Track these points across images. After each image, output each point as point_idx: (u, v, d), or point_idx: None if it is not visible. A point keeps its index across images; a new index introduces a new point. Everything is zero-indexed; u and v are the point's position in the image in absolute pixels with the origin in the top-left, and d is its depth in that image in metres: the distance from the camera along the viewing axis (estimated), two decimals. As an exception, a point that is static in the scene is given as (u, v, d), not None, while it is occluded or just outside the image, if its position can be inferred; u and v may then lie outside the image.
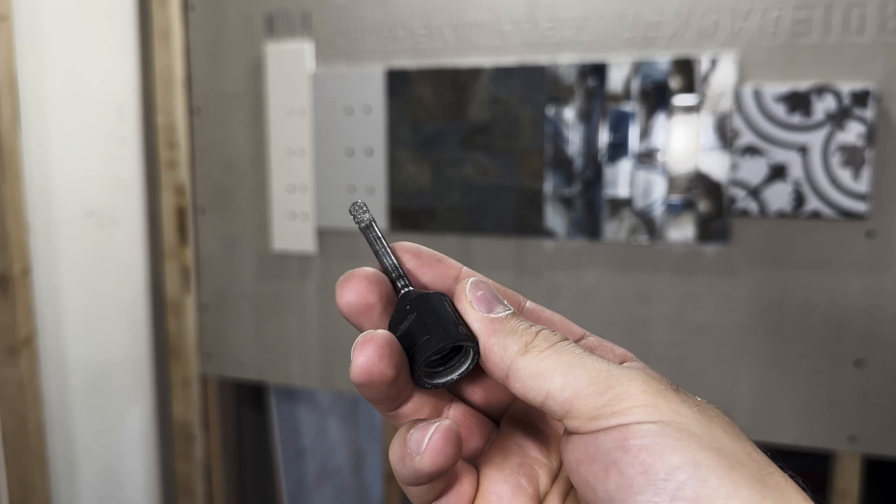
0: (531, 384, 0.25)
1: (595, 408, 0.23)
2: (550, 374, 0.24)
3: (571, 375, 0.24)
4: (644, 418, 0.22)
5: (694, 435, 0.22)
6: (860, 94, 0.76)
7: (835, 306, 0.80)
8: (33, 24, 0.84)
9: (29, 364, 0.82)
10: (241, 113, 0.99)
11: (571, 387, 0.24)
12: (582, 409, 0.23)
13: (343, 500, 1.24)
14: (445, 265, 0.30)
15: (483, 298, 0.27)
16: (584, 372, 0.24)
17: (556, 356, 0.25)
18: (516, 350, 0.25)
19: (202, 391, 1.07)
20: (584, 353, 0.25)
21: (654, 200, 0.83)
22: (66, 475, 0.93)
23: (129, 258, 1.02)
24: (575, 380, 0.24)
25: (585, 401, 0.23)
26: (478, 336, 0.27)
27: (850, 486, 0.83)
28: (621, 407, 0.23)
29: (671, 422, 0.22)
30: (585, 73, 0.84)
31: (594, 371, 0.24)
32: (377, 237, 0.29)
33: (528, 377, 0.25)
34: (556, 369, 0.24)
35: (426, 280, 0.30)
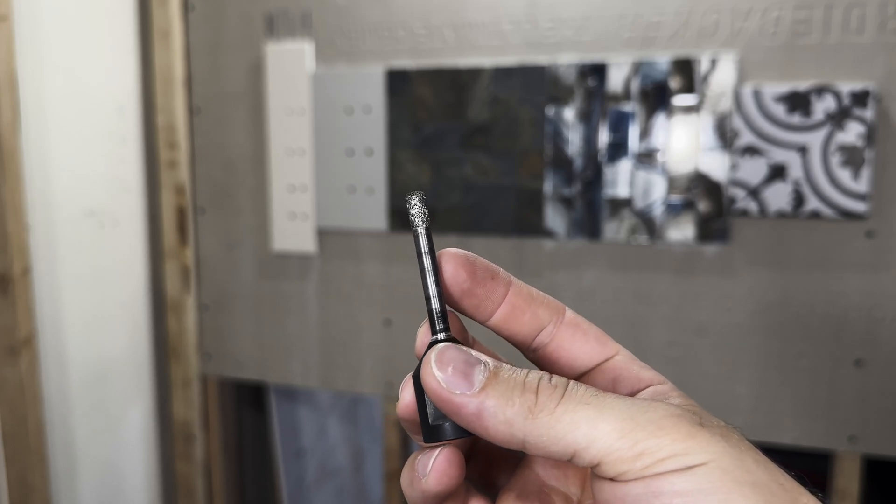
0: (554, 450, 0.23)
1: (626, 462, 0.22)
2: (572, 436, 0.23)
3: (596, 431, 0.23)
4: (677, 466, 0.22)
5: (727, 472, 0.22)
6: (860, 95, 0.76)
7: (834, 306, 0.80)
8: (33, 24, 0.84)
9: (29, 364, 0.82)
10: (242, 113, 0.99)
11: (598, 444, 0.23)
12: (613, 465, 0.23)
13: (343, 499, 1.24)
14: (497, 282, 0.28)
15: (456, 373, 0.24)
16: (608, 426, 0.23)
17: (572, 412, 0.23)
18: (523, 419, 0.23)
19: (202, 391, 1.07)
20: (600, 399, 0.24)
21: (654, 200, 0.83)
22: (67, 475, 0.93)
23: (129, 258, 1.02)
24: (601, 435, 0.23)
25: (615, 457, 0.22)
26: (474, 420, 0.24)
27: (850, 486, 0.83)
28: (653, 459, 0.22)
29: (704, 463, 0.22)
30: (585, 73, 0.84)
31: (619, 422, 0.23)
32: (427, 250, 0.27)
33: (548, 443, 0.23)
34: (577, 427, 0.23)
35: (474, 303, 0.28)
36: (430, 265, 0.27)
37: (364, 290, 0.97)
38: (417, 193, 0.28)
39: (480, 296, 0.28)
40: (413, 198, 0.28)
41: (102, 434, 0.99)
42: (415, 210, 0.27)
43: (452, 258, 0.27)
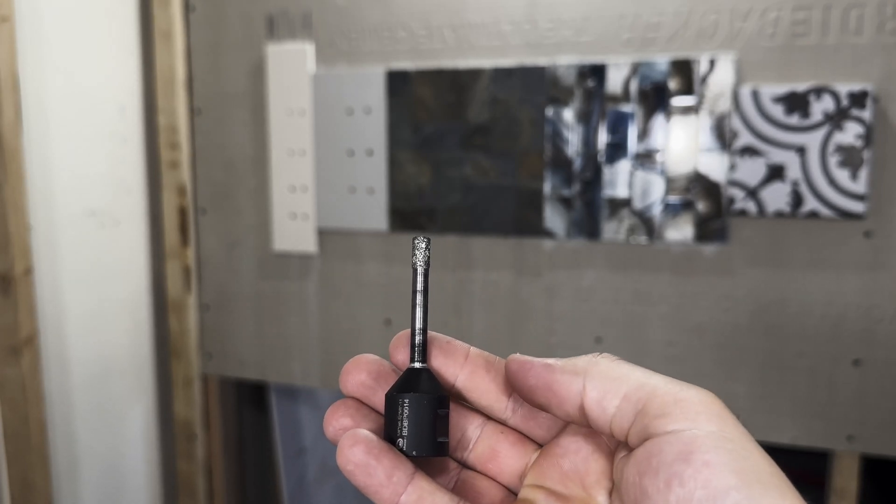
0: (609, 388, 0.26)
1: (668, 405, 0.24)
2: (627, 376, 0.26)
3: (647, 377, 0.26)
4: (709, 428, 0.24)
5: (752, 455, 0.23)
6: (858, 95, 0.76)
7: (833, 306, 0.81)
8: (35, 25, 0.85)
9: (31, 363, 0.83)
10: (242, 113, 0.99)
11: (648, 386, 0.25)
12: (655, 407, 0.25)
13: (343, 498, 1.25)
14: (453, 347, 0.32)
15: None
16: (657, 378, 0.26)
17: (628, 366, 0.27)
18: (584, 365, 0.27)
19: (203, 390, 1.07)
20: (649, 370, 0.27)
21: (653, 201, 0.83)
22: (68, 474, 0.94)
23: (130, 258, 1.03)
24: (651, 380, 0.26)
25: (660, 399, 0.25)
26: (544, 371, 0.28)
27: (849, 486, 0.83)
28: (691, 410, 0.24)
29: (732, 437, 0.23)
30: (585, 73, 0.84)
31: (666, 380, 0.26)
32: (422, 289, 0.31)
33: (607, 381, 0.26)
34: (632, 371, 0.26)
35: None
36: (422, 303, 0.31)
37: (364, 290, 0.97)
38: (426, 238, 0.31)
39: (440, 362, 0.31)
40: (421, 242, 0.31)
41: (104, 433, 1.00)
42: (421, 253, 0.31)
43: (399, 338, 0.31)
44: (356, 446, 0.27)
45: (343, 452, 0.27)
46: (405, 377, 0.29)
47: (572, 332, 0.89)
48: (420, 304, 0.30)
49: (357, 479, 0.27)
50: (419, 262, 0.31)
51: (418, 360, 0.30)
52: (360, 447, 0.27)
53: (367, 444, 0.27)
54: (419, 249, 0.31)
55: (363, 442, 0.27)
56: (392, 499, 0.27)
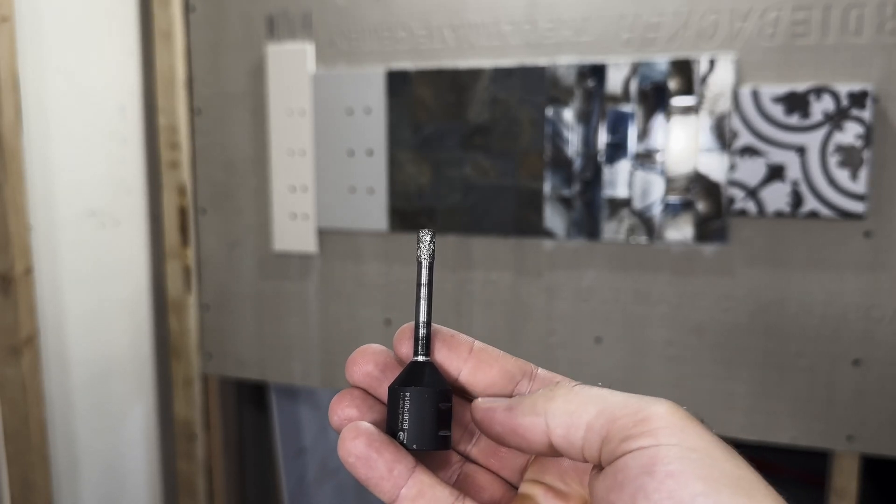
0: (570, 422, 0.26)
1: (628, 428, 0.24)
2: (584, 407, 0.26)
3: (604, 403, 0.25)
4: (672, 441, 0.23)
5: (717, 461, 0.23)
6: (858, 95, 0.76)
7: (832, 306, 0.81)
8: (35, 25, 0.85)
9: (31, 363, 0.83)
10: (243, 114, 0.99)
11: (606, 413, 0.25)
12: (617, 432, 0.24)
13: (343, 498, 1.25)
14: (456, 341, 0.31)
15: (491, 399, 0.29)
16: (615, 399, 0.25)
17: (585, 392, 0.26)
18: (543, 401, 0.27)
19: (203, 390, 1.08)
20: (608, 389, 0.26)
21: (653, 201, 0.84)
22: (68, 474, 0.94)
23: (130, 258, 1.03)
24: (608, 406, 0.25)
25: (620, 423, 0.25)
26: (506, 418, 0.28)
27: (848, 486, 0.83)
28: (652, 427, 0.24)
29: (696, 447, 0.23)
30: (585, 73, 0.84)
31: (625, 398, 0.25)
32: (426, 282, 0.31)
33: (566, 416, 0.26)
34: (589, 401, 0.26)
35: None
36: (426, 296, 0.30)
37: (364, 290, 0.97)
38: (431, 231, 0.31)
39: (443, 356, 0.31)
40: (426, 235, 0.31)
41: (104, 433, 1.00)
42: (426, 247, 0.31)
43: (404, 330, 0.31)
44: (358, 439, 0.27)
45: (345, 445, 0.27)
46: (408, 370, 0.29)
47: (572, 332, 0.89)
48: (424, 297, 0.30)
49: (358, 471, 0.27)
50: (424, 256, 0.30)
51: (422, 354, 0.30)
52: (362, 440, 0.27)
53: (369, 436, 0.27)
54: (423, 242, 0.31)
55: (364, 434, 0.27)
56: (392, 492, 0.27)
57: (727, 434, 0.86)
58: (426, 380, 0.29)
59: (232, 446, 1.15)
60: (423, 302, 0.30)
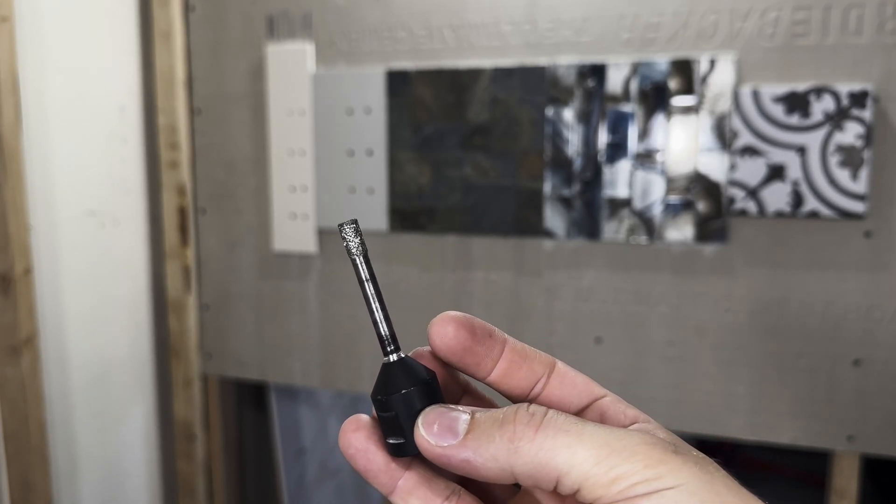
0: (540, 477, 0.25)
1: (602, 486, 0.24)
2: (554, 462, 0.24)
3: (575, 457, 0.24)
4: (646, 490, 0.23)
5: (695, 495, 0.23)
6: (858, 95, 0.76)
7: (833, 306, 0.81)
8: (35, 25, 0.85)
9: (31, 363, 0.83)
10: (242, 114, 0.99)
11: (577, 469, 0.24)
12: (591, 490, 0.24)
13: (343, 498, 1.25)
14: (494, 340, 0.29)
15: (441, 429, 0.26)
16: (585, 452, 0.24)
17: (552, 438, 0.25)
18: (506, 453, 0.25)
19: (203, 390, 1.07)
20: (579, 427, 0.25)
21: (653, 201, 0.83)
22: (68, 474, 0.94)
23: (130, 258, 1.03)
24: (578, 460, 0.24)
25: (593, 481, 0.24)
26: (465, 465, 0.26)
27: (849, 486, 0.83)
28: (626, 484, 0.23)
29: (673, 486, 0.23)
30: (585, 73, 0.84)
31: (595, 447, 0.24)
32: (368, 277, 0.28)
33: (534, 471, 0.25)
34: (557, 453, 0.24)
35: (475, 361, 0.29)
36: (373, 292, 0.28)
37: (364, 289, 0.97)
38: (350, 222, 0.28)
39: (480, 353, 0.29)
40: (346, 227, 0.28)
41: (104, 433, 0.99)
42: (350, 240, 0.28)
43: (453, 320, 0.28)
44: (358, 431, 0.28)
45: (346, 436, 0.28)
46: (380, 375, 0.28)
47: (572, 332, 0.89)
48: (372, 294, 0.28)
49: (357, 462, 0.28)
50: (353, 250, 0.28)
51: (391, 353, 0.28)
52: (362, 433, 0.27)
53: (368, 429, 0.28)
54: (347, 236, 0.28)
55: (364, 427, 0.28)
56: (390, 484, 0.27)
57: (728, 435, 0.86)
58: (396, 383, 0.27)
59: (232, 446, 1.15)
60: (373, 301, 0.28)
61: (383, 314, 0.28)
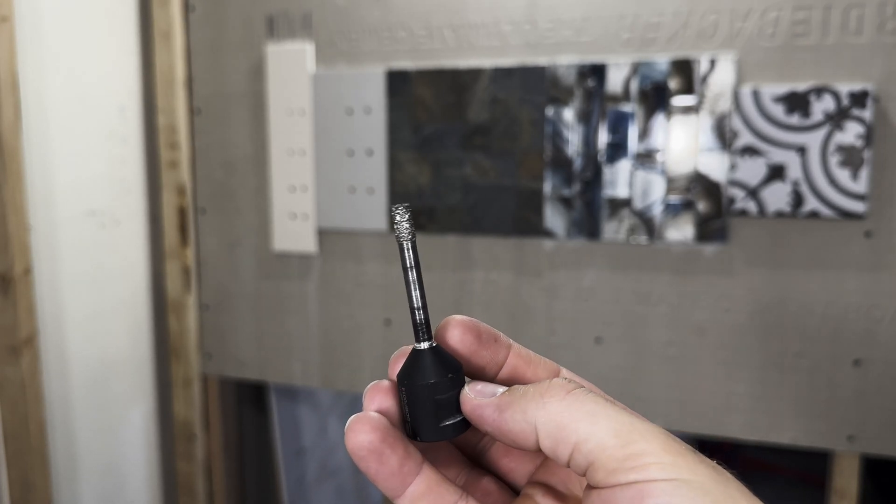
0: (558, 437, 0.25)
1: (617, 460, 0.23)
2: (575, 425, 0.25)
3: (595, 426, 0.24)
4: (662, 476, 0.23)
5: (710, 493, 0.23)
6: (858, 95, 0.76)
7: (833, 306, 0.81)
8: (34, 25, 0.85)
9: (30, 363, 0.83)
10: (242, 113, 0.99)
11: (595, 438, 0.24)
12: (605, 462, 0.24)
13: (343, 498, 1.24)
14: (499, 345, 0.29)
15: (483, 390, 0.28)
16: (607, 423, 0.24)
17: (579, 404, 0.25)
18: (535, 407, 0.26)
19: (203, 390, 1.07)
20: (603, 401, 0.25)
21: (654, 200, 0.83)
22: (68, 474, 0.94)
23: (130, 258, 1.02)
24: (599, 430, 0.24)
25: (609, 453, 0.24)
26: (494, 417, 0.27)
27: (849, 486, 0.83)
28: (641, 462, 0.23)
29: (688, 480, 0.23)
30: (585, 73, 0.84)
31: (617, 423, 0.24)
32: (413, 264, 0.28)
33: (555, 431, 0.25)
34: (580, 419, 0.25)
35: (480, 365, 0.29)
36: (415, 278, 0.29)
37: (364, 290, 0.97)
38: (403, 206, 0.28)
39: (486, 358, 0.29)
40: (400, 210, 0.28)
41: (103, 433, 0.99)
42: (402, 223, 0.28)
43: (459, 324, 0.29)
44: (374, 433, 0.27)
45: (357, 437, 0.27)
46: (410, 360, 0.28)
47: (572, 332, 0.89)
48: (414, 280, 0.28)
49: (369, 465, 0.27)
50: (404, 236, 0.28)
51: (424, 340, 0.28)
52: (378, 434, 0.27)
53: (384, 430, 0.27)
54: (401, 221, 0.28)
55: (380, 429, 0.27)
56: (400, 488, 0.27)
57: (728, 434, 0.86)
58: (427, 370, 0.28)
59: (232, 446, 1.15)
60: (414, 288, 0.29)
61: (422, 302, 0.29)
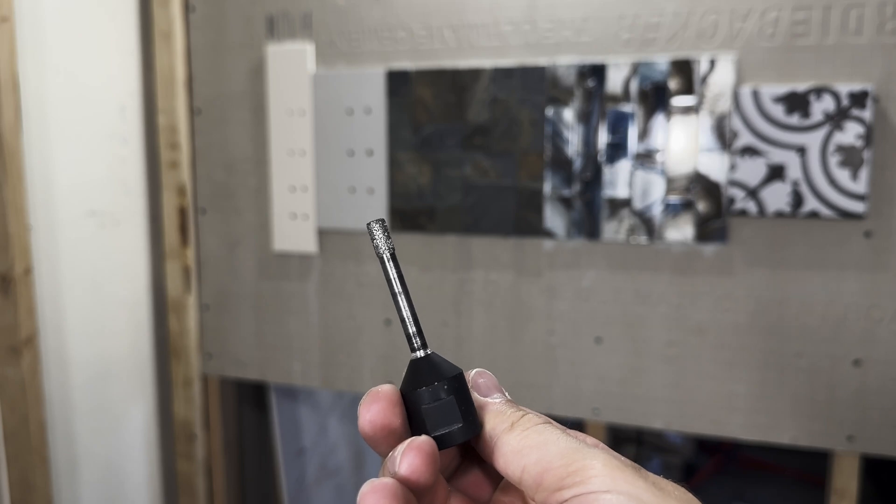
0: (511, 459, 0.28)
1: (560, 478, 0.26)
2: (528, 451, 0.27)
3: (544, 451, 0.27)
4: (602, 488, 0.25)
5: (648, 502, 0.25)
6: (858, 95, 0.76)
7: (833, 306, 0.81)
8: (35, 25, 0.85)
9: (31, 363, 0.83)
10: (243, 114, 0.99)
11: (544, 461, 0.27)
12: (550, 482, 0.26)
13: (343, 498, 1.25)
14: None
15: (483, 385, 0.31)
16: (555, 448, 0.27)
17: (536, 435, 0.28)
18: (503, 429, 0.29)
19: (203, 390, 1.07)
20: (560, 434, 0.28)
21: (653, 201, 0.83)
22: (68, 474, 0.94)
23: (130, 258, 1.03)
24: (547, 455, 0.27)
25: (554, 473, 0.26)
26: None
27: (849, 486, 0.83)
28: (583, 477, 0.26)
29: (625, 491, 0.25)
30: (584, 74, 0.84)
31: (565, 448, 0.27)
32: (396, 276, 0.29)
33: (510, 453, 0.28)
34: (534, 447, 0.27)
35: None
36: (400, 290, 0.29)
37: (364, 290, 0.97)
38: (377, 220, 0.29)
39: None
40: (374, 225, 0.28)
41: (104, 433, 0.99)
42: (378, 238, 0.28)
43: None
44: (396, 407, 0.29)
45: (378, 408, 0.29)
46: (407, 372, 0.29)
47: (572, 332, 0.89)
48: (400, 291, 0.29)
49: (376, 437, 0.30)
50: (382, 249, 0.29)
51: (419, 349, 0.29)
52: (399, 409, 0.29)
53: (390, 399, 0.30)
54: (376, 235, 0.28)
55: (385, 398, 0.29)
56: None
57: (728, 434, 0.86)
58: (421, 378, 0.28)
59: (232, 446, 1.15)
60: (401, 299, 0.29)
61: (410, 312, 0.29)
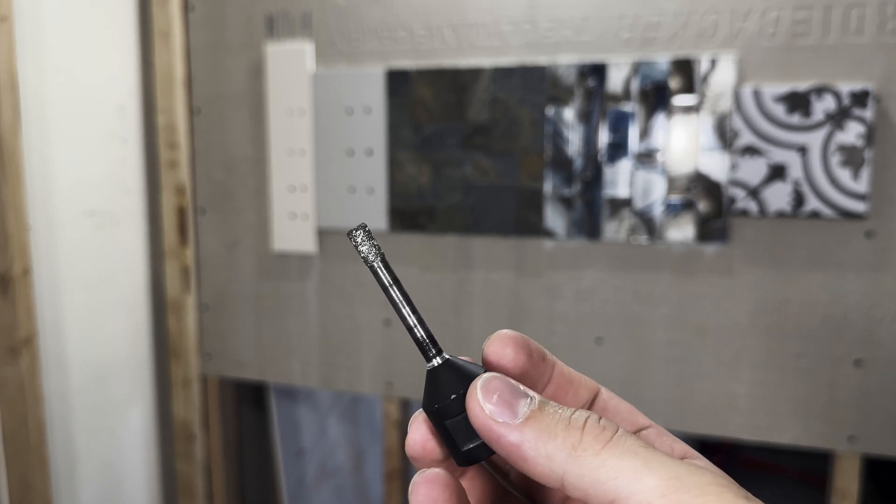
0: (593, 494, 0.22)
1: None
2: (614, 483, 0.22)
3: (639, 483, 0.22)
4: None
5: None
6: (859, 95, 0.76)
7: (834, 306, 0.80)
8: (34, 25, 0.84)
9: (29, 364, 0.82)
10: (242, 113, 0.99)
11: (638, 497, 0.22)
12: None
13: (343, 499, 1.24)
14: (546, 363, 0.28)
15: (501, 402, 0.24)
16: (652, 481, 0.22)
17: (617, 459, 0.22)
18: (564, 457, 0.23)
19: (202, 391, 1.07)
20: (646, 451, 0.23)
21: (654, 200, 0.83)
22: (67, 475, 0.93)
23: (129, 258, 1.02)
24: (643, 489, 0.22)
25: None
26: (513, 450, 0.24)
27: (850, 486, 0.83)
28: None
29: None
30: (585, 73, 0.84)
31: (664, 479, 0.22)
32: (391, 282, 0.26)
33: (588, 486, 0.22)
34: (619, 476, 0.22)
35: (527, 384, 0.27)
36: (399, 296, 0.26)
37: (364, 290, 0.97)
38: (359, 228, 0.26)
39: (535, 377, 0.27)
40: (356, 233, 0.26)
41: (103, 434, 0.99)
42: (363, 246, 0.26)
43: (512, 340, 0.27)
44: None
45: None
46: (429, 383, 0.26)
47: (573, 332, 0.89)
48: (399, 298, 0.26)
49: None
50: (371, 257, 0.26)
51: (434, 356, 0.26)
52: None
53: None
54: (358, 242, 0.26)
55: None
56: None
57: (728, 435, 0.85)
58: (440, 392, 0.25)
59: (231, 447, 1.15)
60: (403, 306, 0.26)
61: (416, 318, 0.26)
